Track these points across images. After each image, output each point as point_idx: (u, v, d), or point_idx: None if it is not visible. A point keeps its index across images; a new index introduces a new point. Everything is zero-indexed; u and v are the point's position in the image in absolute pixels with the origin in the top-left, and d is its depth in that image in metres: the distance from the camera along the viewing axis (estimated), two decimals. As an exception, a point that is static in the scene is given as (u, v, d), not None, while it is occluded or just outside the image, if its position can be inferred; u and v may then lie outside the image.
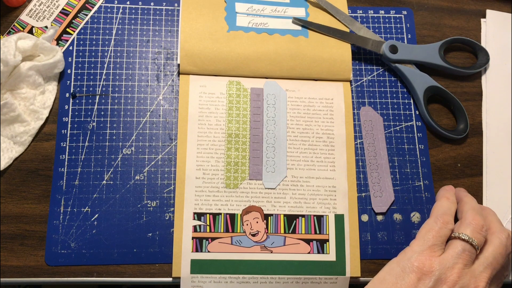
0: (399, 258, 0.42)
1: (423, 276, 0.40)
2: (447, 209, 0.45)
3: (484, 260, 0.41)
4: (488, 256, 0.42)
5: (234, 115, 0.50)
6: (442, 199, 0.47)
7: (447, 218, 0.43)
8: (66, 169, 0.48)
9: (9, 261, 0.46)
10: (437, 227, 0.43)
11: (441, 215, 0.44)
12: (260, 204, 0.48)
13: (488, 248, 0.42)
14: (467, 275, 0.40)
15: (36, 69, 0.48)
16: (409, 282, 0.40)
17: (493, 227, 0.44)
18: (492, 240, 0.43)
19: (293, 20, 0.53)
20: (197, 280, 0.46)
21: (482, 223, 0.43)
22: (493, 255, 0.42)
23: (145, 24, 0.54)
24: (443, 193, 0.48)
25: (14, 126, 0.48)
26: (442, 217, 0.43)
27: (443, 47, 0.54)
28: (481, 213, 0.45)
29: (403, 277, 0.40)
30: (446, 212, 0.44)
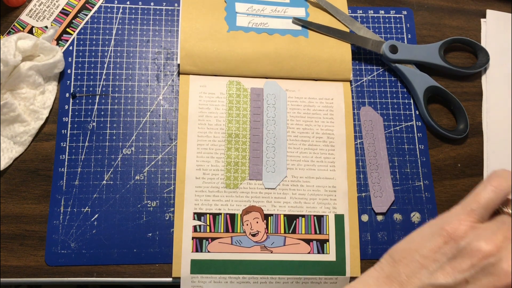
0: (434, 221, 0.36)
1: (451, 240, 0.34)
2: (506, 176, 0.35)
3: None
4: None
5: (234, 115, 0.50)
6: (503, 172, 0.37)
7: (501, 183, 0.34)
8: (66, 169, 0.48)
9: (9, 261, 0.46)
10: (484, 191, 0.35)
11: (494, 177, 0.35)
12: (260, 204, 0.48)
13: None
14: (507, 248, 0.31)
15: (36, 69, 0.48)
16: (434, 244, 0.34)
17: None
18: None
19: (293, 20, 0.53)
20: (197, 280, 0.46)
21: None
22: None
23: (145, 24, 0.54)
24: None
25: (14, 126, 0.48)
26: (495, 180, 0.35)
27: (443, 47, 0.54)
28: None
29: (429, 239, 0.34)
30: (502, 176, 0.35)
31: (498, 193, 0.34)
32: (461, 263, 0.32)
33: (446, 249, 0.33)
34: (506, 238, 0.32)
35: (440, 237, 0.34)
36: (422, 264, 0.33)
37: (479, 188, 0.35)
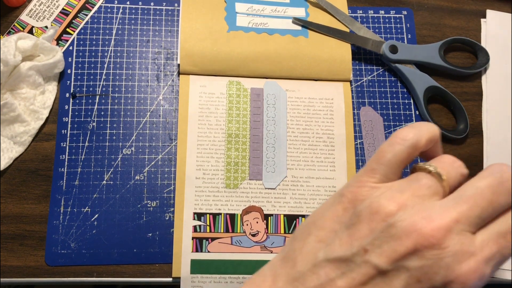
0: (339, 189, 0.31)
1: (350, 206, 0.28)
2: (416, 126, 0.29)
3: (459, 193, 0.27)
4: (467, 188, 0.27)
5: (234, 115, 0.50)
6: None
7: (408, 134, 0.29)
8: (66, 169, 0.48)
9: (9, 261, 0.46)
10: (387, 145, 0.29)
11: (401, 129, 0.29)
12: (260, 204, 0.48)
13: (472, 180, 0.27)
14: (415, 207, 0.26)
15: (36, 69, 0.48)
16: (333, 214, 0.28)
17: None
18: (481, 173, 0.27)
19: (293, 20, 0.53)
20: (197, 280, 0.46)
21: (459, 162, 0.29)
22: (478, 187, 0.26)
23: (145, 24, 0.54)
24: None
25: (14, 126, 0.48)
26: (401, 132, 0.29)
27: (443, 47, 0.54)
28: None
29: (328, 209, 0.29)
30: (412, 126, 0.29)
31: (405, 146, 0.28)
32: (359, 229, 0.27)
33: (344, 216, 0.28)
34: (413, 196, 0.27)
35: (339, 204, 0.29)
36: (319, 237, 0.28)
37: (384, 143, 0.29)
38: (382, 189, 0.28)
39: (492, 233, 0.26)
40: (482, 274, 0.25)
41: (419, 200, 0.27)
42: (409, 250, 0.25)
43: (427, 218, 0.25)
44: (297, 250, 0.28)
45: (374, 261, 0.25)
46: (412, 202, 0.26)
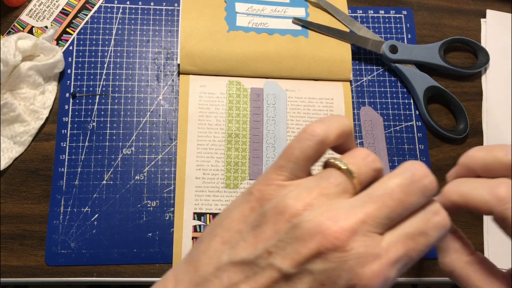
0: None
1: (257, 206, 0.26)
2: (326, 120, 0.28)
3: (369, 192, 0.26)
4: (377, 187, 0.26)
5: (234, 115, 0.50)
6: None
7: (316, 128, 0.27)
8: (66, 169, 0.48)
9: (9, 261, 0.46)
10: (295, 140, 0.27)
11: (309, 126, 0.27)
12: (260, 204, 0.48)
13: (383, 179, 0.26)
14: (322, 207, 0.25)
15: (36, 69, 0.48)
16: (240, 213, 0.27)
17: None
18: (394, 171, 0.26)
19: (293, 20, 0.53)
20: (197, 280, 0.46)
21: (371, 154, 0.28)
22: (388, 187, 0.25)
23: (145, 24, 0.54)
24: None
25: (14, 126, 0.48)
26: (309, 128, 0.27)
27: (443, 47, 0.54)
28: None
29: (236, 208, 0.27)
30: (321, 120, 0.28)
31: (312, 142, 0.27)
32: (264, 230, 0.25)
33: (251, 216, 0.26)
34: (321, 194, 0.25)
35: (247, 204, 0.27)
36: (223, 238, 0.26)
37: (293, 139, 0.28)
38: (290, 188, 0.26)
39: (400, 234, 0.25)
40: (386, 277, 0.24)
41: (327, 199, 0.25)
42: (313, 253, 0.24)
43: (332, 219, 0.24)
44: (201, 252, 0.27)
45: (277, 264, 0.24)
46: (319, 202, 0.25)
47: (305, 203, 0.25)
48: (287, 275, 0.24)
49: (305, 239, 0.24)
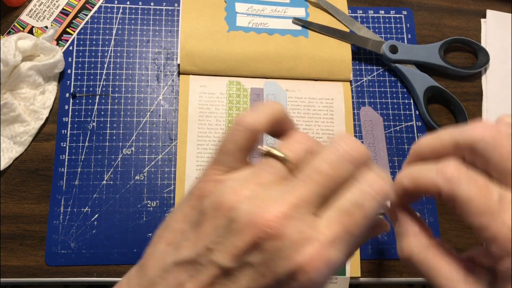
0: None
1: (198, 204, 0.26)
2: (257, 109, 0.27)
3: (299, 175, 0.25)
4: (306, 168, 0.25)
5: (234, 115, 0.50)
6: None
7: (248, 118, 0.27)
8: (66, 169, 0.48)
9: (9, 261, 0.46)
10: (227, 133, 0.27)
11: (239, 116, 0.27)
12: (260, 204, 0.48)
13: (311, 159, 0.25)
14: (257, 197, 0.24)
15: (36, 69, 0.48)
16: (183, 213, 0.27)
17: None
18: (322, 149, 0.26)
19: (293, 20, 0.53)
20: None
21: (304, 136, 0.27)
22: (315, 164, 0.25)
23: (145, 24, 0.54)
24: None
25: (14, 126, 0.48)
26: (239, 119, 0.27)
27: (443, 47, 0.54)
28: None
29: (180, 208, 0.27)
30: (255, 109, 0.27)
31: (243, 132, 0.26)
32: (204, 227, 0.25)
33: (192, 215, 0.26)
34: (257, 184, 0.25)
35: (188, 203, 0.27)
36: (168, 240, 0.26)
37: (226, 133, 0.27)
38: (227, 182, 0.26)
39: (335, 211, 0.24)
40: (326, 259, 0.23)
41: (263, 188, 0.25)
42: (249, 244, 0.23)
43: (264, 207, 0.23)
44: (149, 255, 0.26)
45: (217, 260, 0.24)
46: (255, 192, 0.24)
47: (241, 195, 0.24)
48: (228, 270, 0.24)
49: (240, 232, 0.23)
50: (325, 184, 0.24)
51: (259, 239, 0.23)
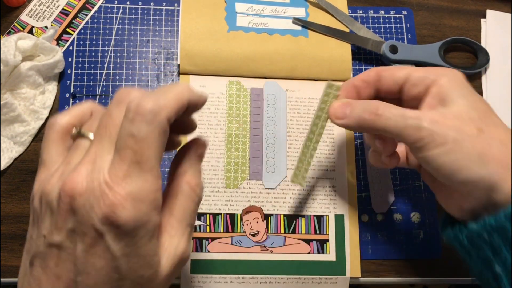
0: None
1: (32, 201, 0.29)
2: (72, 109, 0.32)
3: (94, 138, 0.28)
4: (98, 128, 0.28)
5: (234, 115, 0.50)
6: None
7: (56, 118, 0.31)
8: (66, 169, 0.48)
9: (9, 261, 0.46)
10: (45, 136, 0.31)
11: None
12: (260, 204, 0.48)
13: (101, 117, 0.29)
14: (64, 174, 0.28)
15: (36, 69, 0.48)
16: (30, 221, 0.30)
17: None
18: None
19: (293, 20, 0.53)
20: (197, 280, 0.46)
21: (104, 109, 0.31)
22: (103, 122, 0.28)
23: (145, 24, 0.54)
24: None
25: (14, 126, 0.48)
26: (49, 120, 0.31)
27: (443, 47, 0.54)
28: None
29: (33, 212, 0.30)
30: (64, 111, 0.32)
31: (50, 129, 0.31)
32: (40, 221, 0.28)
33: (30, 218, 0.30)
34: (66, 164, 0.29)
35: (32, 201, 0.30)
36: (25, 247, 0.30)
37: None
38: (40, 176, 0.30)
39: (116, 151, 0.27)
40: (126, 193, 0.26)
41: (68, 165, 0.28)
42: (66, 213, 0.26)
43: (66, 177, 0.26)
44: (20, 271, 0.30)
45: (49, 240, 0.27)
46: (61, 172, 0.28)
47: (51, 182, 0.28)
48: (60, 245, 0.27)
49: (57, 208, 0.27)
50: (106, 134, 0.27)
51: (69, 204, 0.26)
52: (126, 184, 0.26)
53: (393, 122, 0.35)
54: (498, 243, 0.32)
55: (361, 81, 0.41)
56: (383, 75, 0.40)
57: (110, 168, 0.26)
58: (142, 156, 0.26)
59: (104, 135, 0.27)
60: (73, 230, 0.26)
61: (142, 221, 0.26)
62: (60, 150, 0.31)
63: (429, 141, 0.34)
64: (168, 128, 0.27)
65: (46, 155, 0.31)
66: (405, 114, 0.35)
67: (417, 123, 0.34)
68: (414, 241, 0.49)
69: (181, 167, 0.32)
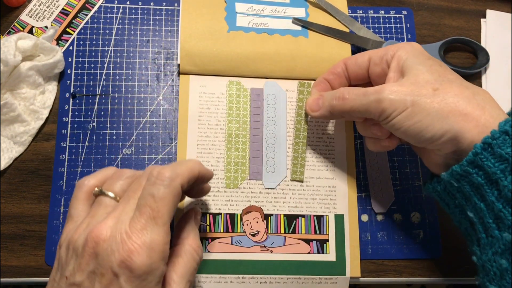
0: None
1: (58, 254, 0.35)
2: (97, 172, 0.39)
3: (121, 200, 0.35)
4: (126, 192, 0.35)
5: (234, 115, 0.50)
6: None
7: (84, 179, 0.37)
8: (66, 169, 0.48)
9: (9, 261, 0.46)
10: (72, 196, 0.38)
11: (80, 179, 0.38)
12: (260, 204, 0.48)
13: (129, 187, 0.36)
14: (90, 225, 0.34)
15: (36, 69, 0.48)
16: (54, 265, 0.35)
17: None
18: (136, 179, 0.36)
19: (293, 21, 0.53)
20: (197, 280, 0.46)
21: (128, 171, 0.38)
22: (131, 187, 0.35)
23: (145, 24, 0.54)
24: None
25: (14, 126, 0.48)
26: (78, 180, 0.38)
27: (443, 47, 0.54)
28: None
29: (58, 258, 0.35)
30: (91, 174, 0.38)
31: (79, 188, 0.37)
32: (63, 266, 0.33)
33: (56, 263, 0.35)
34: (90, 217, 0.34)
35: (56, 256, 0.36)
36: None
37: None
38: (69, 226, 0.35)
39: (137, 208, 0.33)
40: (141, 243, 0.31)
41: (94, 219, 0.34)
42: (89, 256, 0.32)
43: (93, 227, 0.32)
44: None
45: (71, 281, 0.32)
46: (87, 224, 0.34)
47: (78, 232, 0.33)
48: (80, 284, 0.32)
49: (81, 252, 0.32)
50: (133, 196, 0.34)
51: (93, 248, 0.31)
52: (142, 235, 0.31)
53: (358, 102, 0.40)
54: (468, 190, 0.36)
55: (331, 74, 0.46)
56: (348, 63, 0.45)
57: (130, 221, 0.32)
58: (158, 213, 0.32)
59: (131, 198, 0.34)
60: (93, 271, 0.31)
61: (152, 268, 0.31)
62: (86, 206, 0.36)
63: (392, 111, 0.37)
64: (181, 192, 0.34)
65: (74, 210, 0.36)
66: (366, 92, 0.39)
67: (377, 97, 0.38)
68: (414, 241, 0.49)
69: (184, 231, 0.39)
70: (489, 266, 0.35)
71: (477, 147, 0.34)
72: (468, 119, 0.35)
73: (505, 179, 0.33)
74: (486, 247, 0.36)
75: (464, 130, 0.35)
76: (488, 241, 0.35)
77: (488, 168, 0.34)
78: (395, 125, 0.38)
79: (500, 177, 0.33)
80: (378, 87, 0.39)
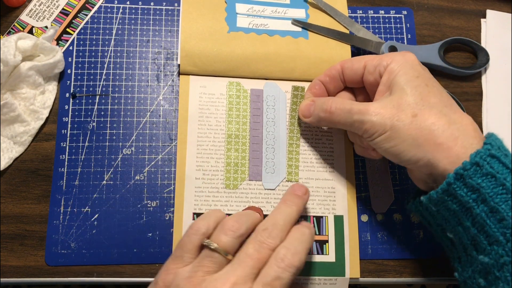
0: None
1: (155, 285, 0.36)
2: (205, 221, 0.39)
3: (234, 261, 0.36)
4: (240, 253, 0.36)
5: (234, 116, 0.50)
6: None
7: (200, 224, 0.38)
8: (66, 169, 0.48)
9: (9, 261, 0.46)
10: (185, 236, 0.38)
11: (194, 224, 0.39)
12: (259, 205, 0.48)
13: (243, 247, 0.37)
14: (206, 282, 0.35)
15: (36, 69, 0.48)
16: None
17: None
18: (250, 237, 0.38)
19: (293, 22, 0.53)
20: (197, 280, 0.46)
21: (235, 225, 0.38)
22: (247, 251, 0.36)
23: (145, 24, 0.54)
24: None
25: (14, 126, 0.48)
26: (195, 224, 0.38)
27: (443, 47, 0.54)
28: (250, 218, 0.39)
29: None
30: (204, 218, 0.39)
31: (198, 235, 0.37)
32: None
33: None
34: (204, 272, 0.35)
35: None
36: None
37: (184, 235, 0.38)
38: (182, 272, 0.36)
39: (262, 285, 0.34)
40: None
41: (208, 274, 0.35)
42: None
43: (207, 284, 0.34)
44: None
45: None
46: (202, 278, 0.35)
47: (193, 282, 0.34)
48: None
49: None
50: (254, 265, 0.35)
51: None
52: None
53: (343, 118, 0.42)
54: (446, 214, 0.37)
55: (326, 76, 0.47)
56: (345, 67, 0.46)
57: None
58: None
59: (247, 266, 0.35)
60: None
61: None
62: (195, 253, 0.37)
63: (373, 132, 0.39)
64: None
65: (183, 253, 0.37)
66: (351, 110, 0.41)
67: (360, 118, 0.40)
68: (414, 241, 0.49)
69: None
70: (470, 282, 0.37)
71: (450, 176, 0.35)
72: (440, 149, 0.36)
73: (477, 208, 0.35)
74: (466, 264, 0.37)
75: (437, 159, 0.37)
76: (468, 259, 0.37)
77: (461, 197, 0.35)
78: (376, 145, 0.40)
79: (472, 205, 0.35)
80: (363, 107, 0.40)
